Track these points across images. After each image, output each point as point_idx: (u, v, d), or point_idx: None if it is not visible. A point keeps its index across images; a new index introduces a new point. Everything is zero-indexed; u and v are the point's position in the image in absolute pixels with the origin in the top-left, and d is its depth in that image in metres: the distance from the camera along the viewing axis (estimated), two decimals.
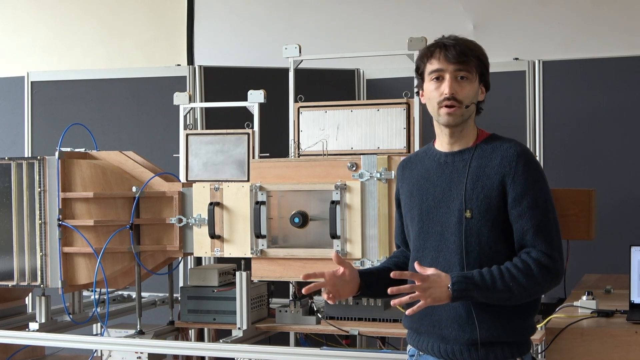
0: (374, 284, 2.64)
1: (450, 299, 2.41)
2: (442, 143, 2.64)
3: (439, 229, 2.58)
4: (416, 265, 2.44)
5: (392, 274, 2.43)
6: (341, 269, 2.58)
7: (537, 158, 5.23)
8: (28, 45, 6.96)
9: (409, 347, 2.73)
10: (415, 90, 2.70)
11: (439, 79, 2.54)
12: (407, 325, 2.68)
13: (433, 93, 2.56)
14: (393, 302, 2.43)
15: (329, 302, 2.56)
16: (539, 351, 3.49)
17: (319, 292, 4.16)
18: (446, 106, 2.53)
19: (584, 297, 3.38)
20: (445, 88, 2.52)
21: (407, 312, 2.44)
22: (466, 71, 2.53)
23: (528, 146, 5.30)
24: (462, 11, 5.98)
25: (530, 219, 2.49)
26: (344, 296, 2.60)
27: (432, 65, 2.55)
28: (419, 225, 2.63)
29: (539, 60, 5.40)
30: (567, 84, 5.37)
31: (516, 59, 5.47)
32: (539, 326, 3.41)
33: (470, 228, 2.51)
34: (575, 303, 3.41)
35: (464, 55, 2.52)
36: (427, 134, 2.73)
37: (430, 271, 2.42)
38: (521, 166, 2.50)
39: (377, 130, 3.97)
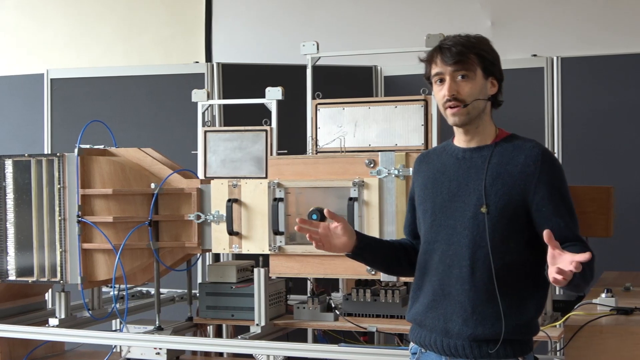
0: (369, 248, 2.72)
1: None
2: (460, 140, 2.67)
3: (451, 223, 2.59)
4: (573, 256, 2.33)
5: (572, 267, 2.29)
6: (335, 224, 2.64)
7: (556, 155, 5.22)
8: (47, 43, 7.00)
9: (411, 344, 2.74)
10: (428, 92, 2.74)
11: (442, 81, 2.59)
12: (410, 319, 2.69)
13: (438, 95, 2.62)
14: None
15: (315, 247, 2.63)
16: (558, 349, 3.48)
17: (336, 289, 4.20)
18: (450, 107, 2.57)
19: (603, 295, 3.37)
20: (444, 90, 2.57)
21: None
22: (465, 70, 2.56)
23: (546, 143, 5.31)
24: (479, 8, 5.96)
25: (563, 216, 2.52)
26: (334, 249, 2.68)
27: (433, 69, 2.61)
28: (431, 218, 2.65)
29: (557, 57, 5.38)
30: (585, 81, 5.34)
31: (534, 55, 5.46)
32: (557, 323, 3.41)
33: (485, 223, 2.53)
34: (594, 300, 3.40)
35: (460, 55, 2.55)
36: (445, 131, 2.74)
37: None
38: (547, 166, 2.53)
39: (395, 127, 3.97)
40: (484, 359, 2.53)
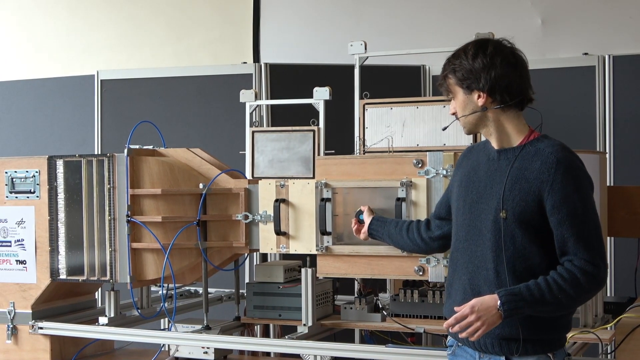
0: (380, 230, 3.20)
1: (502, 318, 2.47)
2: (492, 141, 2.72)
3: (478, 224, 2.64)
4: (455, 308, 2.55)
5: (444, 325, 2.56)
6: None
7: (607, 155, 5.14)
8: (98, 45, 7.09)
9: (448, 337, 2.79)
10: None
11: None
12: (447, 315, 2.72)
13: None
14: (452, 329, 2.53)
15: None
16: (609, 351, 3.43)
17: (384, 290, 4.19)
18: None
19: None
20: None
21: (471, 339, 2.52)
22: (448, 92, 2.71)
23: (597, 143, 5.23)
24: (530, 6, 5.90)
25: (570, 227, 2.50)
26: None
27: None
28: (462, 217, 2.70)
29: (609, 55, 5.29)
30: (638, 80, 5.26)
31: (585, 54, 5.38)
32: (608, 326, 3.36)
33: (505, 228, 2.55)
34: None
35: (441, 79, 2.72)
36: None
37: (470, 303, 2.50)
38: (560, 174, 2.51)
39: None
40: (513, 356, 2.56)
